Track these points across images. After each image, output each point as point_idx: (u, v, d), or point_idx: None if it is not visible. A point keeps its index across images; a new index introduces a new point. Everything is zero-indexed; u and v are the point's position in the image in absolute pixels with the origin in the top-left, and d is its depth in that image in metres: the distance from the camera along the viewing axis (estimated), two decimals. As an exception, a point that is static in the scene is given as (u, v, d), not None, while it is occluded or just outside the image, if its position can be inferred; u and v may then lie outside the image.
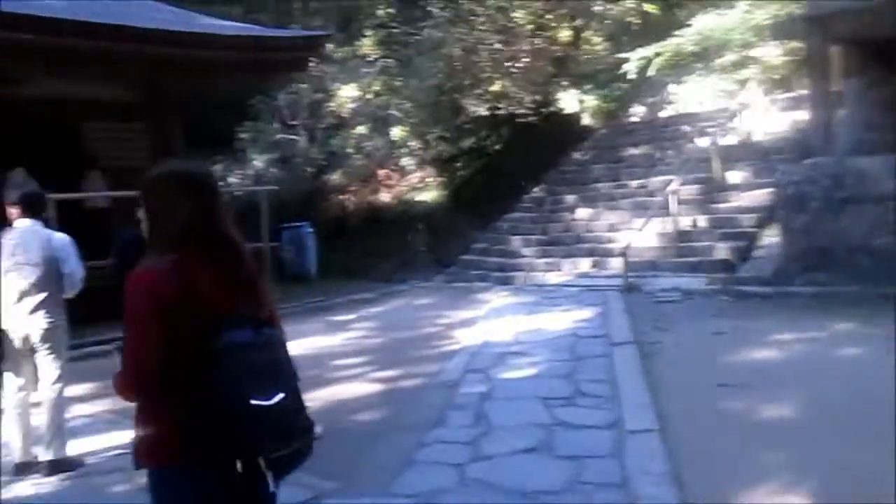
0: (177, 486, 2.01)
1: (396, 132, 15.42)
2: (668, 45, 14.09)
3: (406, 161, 15.70)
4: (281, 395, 1.93)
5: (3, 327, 4.67)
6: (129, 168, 11.67)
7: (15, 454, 4.75)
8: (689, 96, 15.86)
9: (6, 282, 4.64)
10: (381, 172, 16.14)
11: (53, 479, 4.66)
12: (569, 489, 3.90)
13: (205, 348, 1.90)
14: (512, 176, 15.18)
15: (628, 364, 6.41)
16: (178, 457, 1.95)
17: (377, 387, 6.44)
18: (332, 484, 4.19)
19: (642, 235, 10.97)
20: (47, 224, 5.00)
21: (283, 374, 2.00)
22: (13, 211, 4.73)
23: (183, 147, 18.30)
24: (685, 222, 11.49)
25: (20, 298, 4.62)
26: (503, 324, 8.72)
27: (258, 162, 16.95)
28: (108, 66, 10.63)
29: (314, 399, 6.07)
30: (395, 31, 15.34)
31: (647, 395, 5.46)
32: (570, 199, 14.08)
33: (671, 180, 11.69)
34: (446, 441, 4.81)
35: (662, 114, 16.33)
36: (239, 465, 1.92)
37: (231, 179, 17.28)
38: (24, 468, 4.69)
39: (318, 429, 5.15)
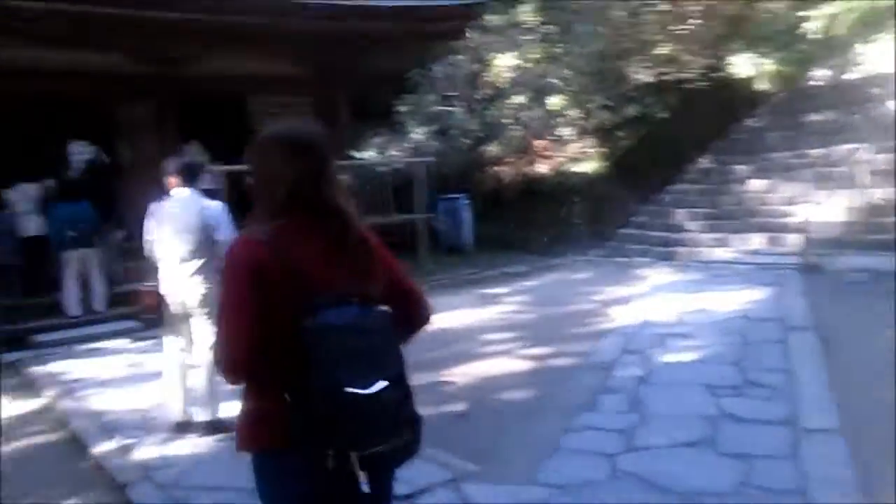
0: (276, 473, 1.86)
1: (555, 101, 14.84)
2: (858, 1, 12.58)
3: (564, 131, 15.09)
4: (382, 384, 1.72)
5: (163, 292, 4.85)
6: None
7: (174, 414, 4.95)
8: (879, 56, 14.14)
9: (166, 249, 4.81)
10: (539, 143, 15.67)
11: (209, 438, 4.81)
12: (735, 492, 3.47)
13: (301, 327, 1.72)
14: (677, 145, 14.29)
15: (806, 352, 5.75)
16: (278, 441, 1.79)
17: (527, 364, 6.19)
18: (473, 466, 4.00)
19: (824, 209, 9.93)
20: (215, 195, 5.14)
21: (387, 359, 1.79)
22: (171, 180, 4.87)
23: (347, 120, 18.98)
24: (876, 195, 10.27)
25: (179, 264, 4.77)
26: (664, 302, 8.17)
27: (416, 134, 17.00)
28: (273, 42, 10.97)
29: (461, 374, 5.97)
30: (554, -5, 14.76)
31: (828, 388, 4.84)
32: (741, 169, 13.05)
33: (859, 149, 10.49)
34: (597, 427, 4.49)
35: (848, 76, 14.70)
36: (330, 461, 1.72)
37: (390, 152, 17.53)
38: (182, 427, 4.87)
39: (462, 406, 5.01)
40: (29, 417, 5.91)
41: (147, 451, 4.72)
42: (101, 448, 4.84)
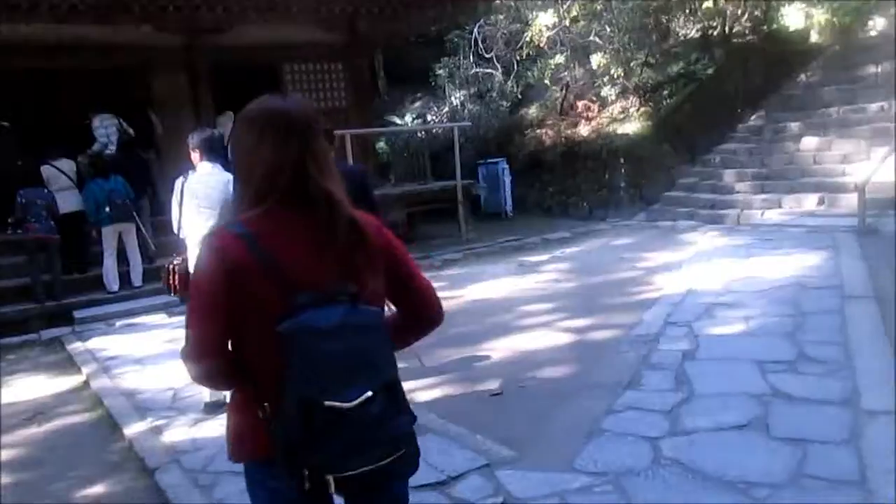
0: (263, 484, 1.71)
1: (596, 60, 14.39)
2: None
3: (607, 91, 14.66)
4: (367, 395, 1.51)
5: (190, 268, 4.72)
6: (328, 109, 11.94)
7: (204, 394, 4.87)
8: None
9: (191, 224, 4.68)
10: (580, 104, 15.26)
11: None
12: (789, 483, 3.21)
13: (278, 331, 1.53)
14: (725, 103, 13.72)
15: (866, 323, 5.40)
16: (263, 452, 1.62)
17: (566, 337, 5.96)
18: (508, 451, 3.80)
19: (884, 168, 9.38)
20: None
21: (376, 366, 1.57)
22: (195, 154, 4.72)
23: (385, 86, 18.72)
24: (941, 151, 9.67)
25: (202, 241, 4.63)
26: (712, 269, 7.84)
27: (455, 98, 16.73)
28: (306, 8, 10.73)
29: (497, 349, 5.78)
30: (595, -52, 14.18)
31: (891, 364, 4.52)
32: (794, 126, 12.45)
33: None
34: (640, 408, 4.25)
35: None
36: (306, 482, 1.54)
37: (428, 117, 17.27)
38: (213, 408, 4.78)
39: (498, 383, 4.81)
40: (66, 396, 5.93)
41: (177, 432, 4.65)
42: (133, 429, 4.80)
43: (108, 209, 8.63)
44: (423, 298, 1.83)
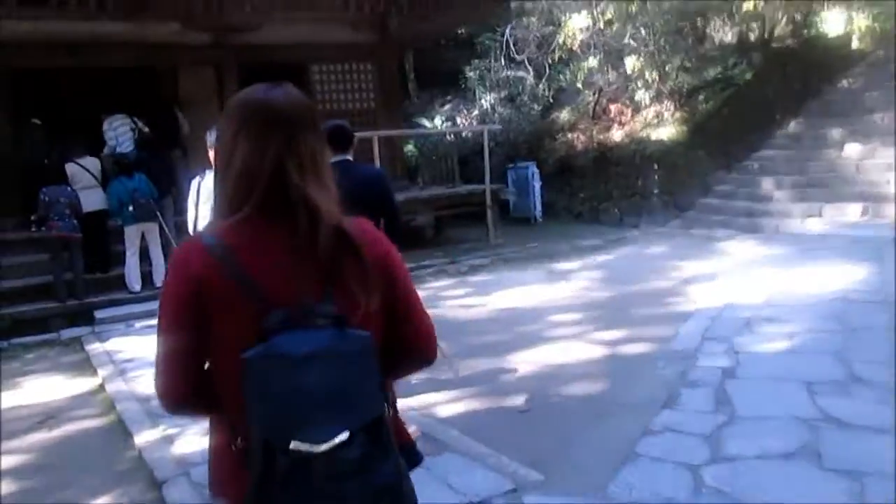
0: None
1: (630, 64, 14.07)
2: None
3: (640, 95, 14.31)
4: (342, 436, 1.27)
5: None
6: (357, 110, 11.78)
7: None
8: None
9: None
10: (613, 108, 14.93)
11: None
12: (846, 521, 2.93)
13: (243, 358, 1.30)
14: (764, 109, 13.30)
15: (921, 342, 5.05)
16: (241, 494, 1.37)
17: (598, 350, 5.68)
18: (536, 474, 3.55)
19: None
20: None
21: (357, 401, 1.31)
22: (212, 153, 4.51)
23: (414, 88, 18.54)
24: None
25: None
26: (751, 281, 7.50)
27: (485, 101, 16.50)
28: (335, 6, 10.57)
29: (525, 361, 5.52)
30: (631, -52, 13.86)
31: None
32: (836, 133, 12.02)
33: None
34: (678, 430, 3.96)
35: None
36: None
37: (458, 119, 17.05)
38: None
39: (526, 399, 4.55)
40: (81, 399, 5.79)
41: (189, 442, 4.45)
42: (144, 437, 4.62)
43: (131, 208, 8.51)
44: (417, 335, 1.55)
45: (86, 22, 9.35)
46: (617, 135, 14.19)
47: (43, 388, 6.12)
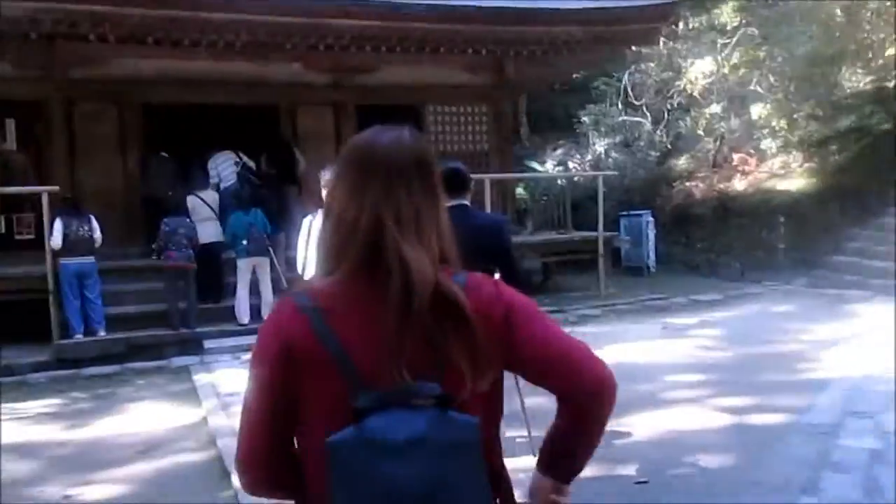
0: None
1: (756, 111, 13.47)
2: None
3: (766, 144, 13.65)
4: None
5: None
6: (470, 152, 11.71)
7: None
8: None
9: (315, 266, 4.39)
10: (736, 157, 14.29)
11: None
12: None
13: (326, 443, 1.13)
14: (903, 161, 12.36)
15: None
16: None
17: (721, 419, 5.19)
18: (657, 562, 3.17)
19: None
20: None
21: (455, 500, 1.11)
22: (325, 191, 4.45)
23: (526, 131, 18.44)
24: None
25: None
26: (892, 349, 6.77)
27: (599, 146, 16.17)
28: (451, 49, 10.59)
29: (640, 425, 5.10)
30: (761, -8, 13.35)
31: None
32: None
33: None
34: (822, 523, 3.49)
35: None
36: None
37: (570, 164, 16.77)
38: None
39: (641, 469, 4.15)
40: (184, 430, 5.79)
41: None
42: (241, 478, 4.49)
43: (245, 242, 8.68)
44: (570, 365, 1.25)
45: (214, 61, 9.72)
46: (740, 184, 13.53)
47: (149, 415, 6.18)
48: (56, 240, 8.05)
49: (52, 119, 9.67)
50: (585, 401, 1.25)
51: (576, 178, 14.73)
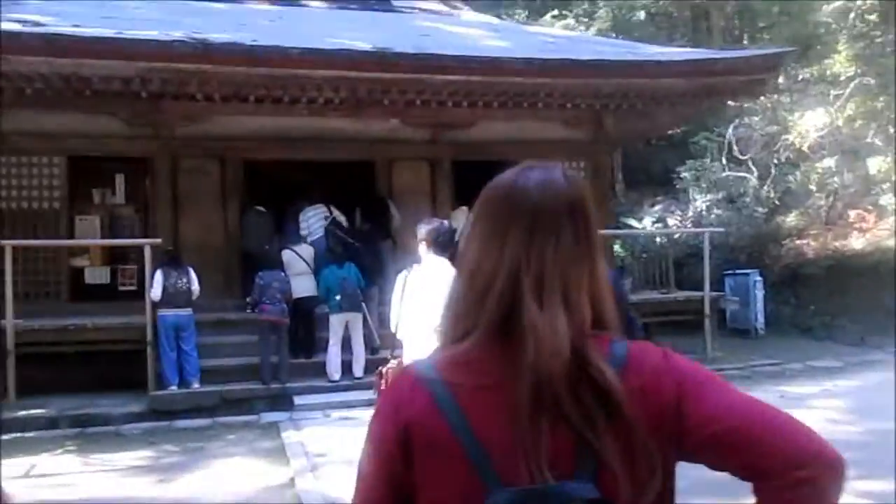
0: None
1: (874, 164, 12.65)
2: None
3: (886, 200, 12.77)
4: None
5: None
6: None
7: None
8: None
9: (411, 322, 4.17)
10: (852, 213, 13.43)
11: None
12: None
13: None
14: None
15: None
16: None
17: (862, 505, 4.60)
18: None
19: None
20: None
21: None
22: (423, 247, 4.27)
23: (622, 188, 18.02)
24: None
25: (423, 341, 4.09)
26: None
27: (700, 202, 15.56)
28: (548, 103, 10.41)
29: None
30: (877, 40, 12.65)
31: None
32: None
33: None
34: None
35: None
36: None
37: (669, 221, 16.20)
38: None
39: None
40: (271, 491, 5.61)
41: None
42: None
43: (338, 297, 8.58)
44: (771, 445, 0.93)
45: (313, 118, 9.86)
46: (857, 242, 12.68)
47: (237, 473, 6.04)
48: (156, 291, 8.18)
49: (158, 174, 9.97)
50: (806, 485, 0.92)
51: (677, 235, 14.17)
